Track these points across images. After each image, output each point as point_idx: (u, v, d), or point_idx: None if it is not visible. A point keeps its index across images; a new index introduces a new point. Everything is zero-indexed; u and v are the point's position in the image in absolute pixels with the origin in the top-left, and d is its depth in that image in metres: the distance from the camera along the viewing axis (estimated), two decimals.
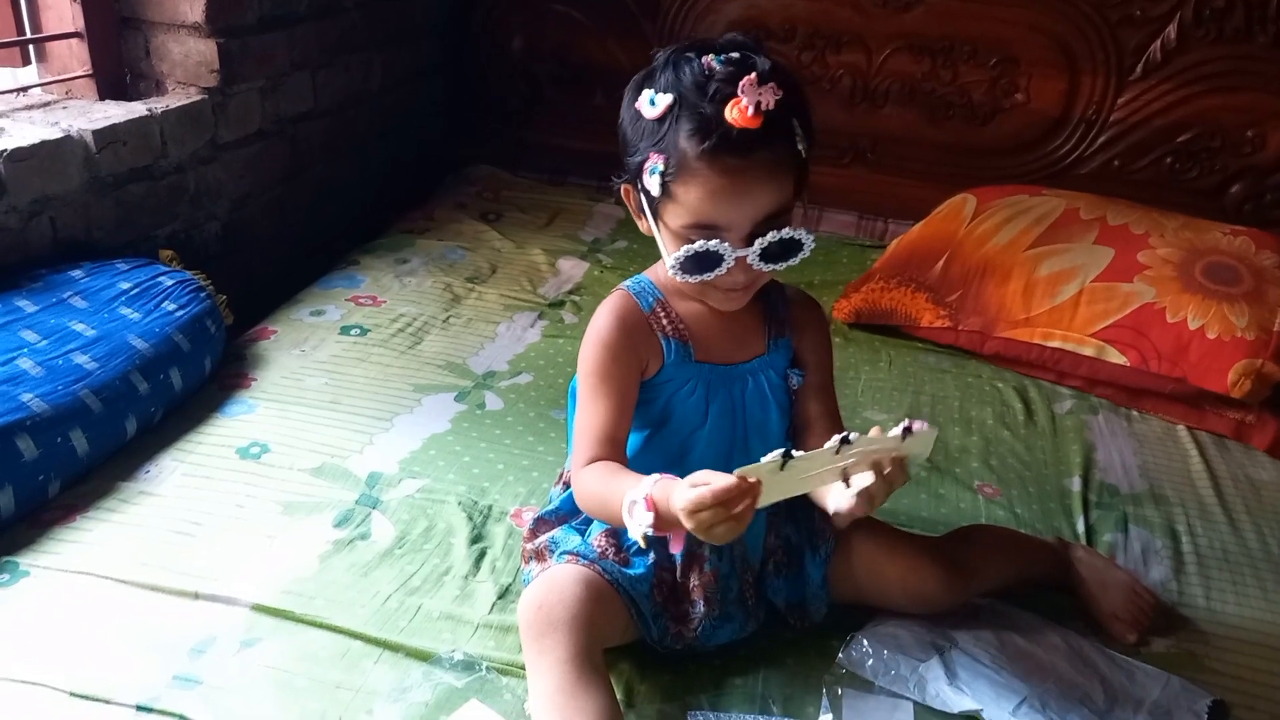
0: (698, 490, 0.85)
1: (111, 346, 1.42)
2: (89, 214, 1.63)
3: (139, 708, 0.99)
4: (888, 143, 2.46)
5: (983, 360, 1.88)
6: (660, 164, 0.97)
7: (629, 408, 1.07)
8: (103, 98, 1.78)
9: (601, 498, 1.00)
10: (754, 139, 0.94)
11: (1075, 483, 1.52)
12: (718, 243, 0.98)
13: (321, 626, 1.11)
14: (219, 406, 1.51)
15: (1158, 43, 2.22)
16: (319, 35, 2.09)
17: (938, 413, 1.70)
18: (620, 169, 1.06)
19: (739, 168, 0.95)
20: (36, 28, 1.78)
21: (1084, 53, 2.27)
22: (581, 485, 1.05)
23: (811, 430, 1.12)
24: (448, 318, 1.86)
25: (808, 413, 1.13)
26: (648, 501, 0.90)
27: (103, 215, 1.66)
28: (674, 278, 1.02)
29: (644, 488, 0.91)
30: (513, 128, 2.67)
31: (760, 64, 0.95)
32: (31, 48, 1.81)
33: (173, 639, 1.08)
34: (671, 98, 0.97)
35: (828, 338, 1.18)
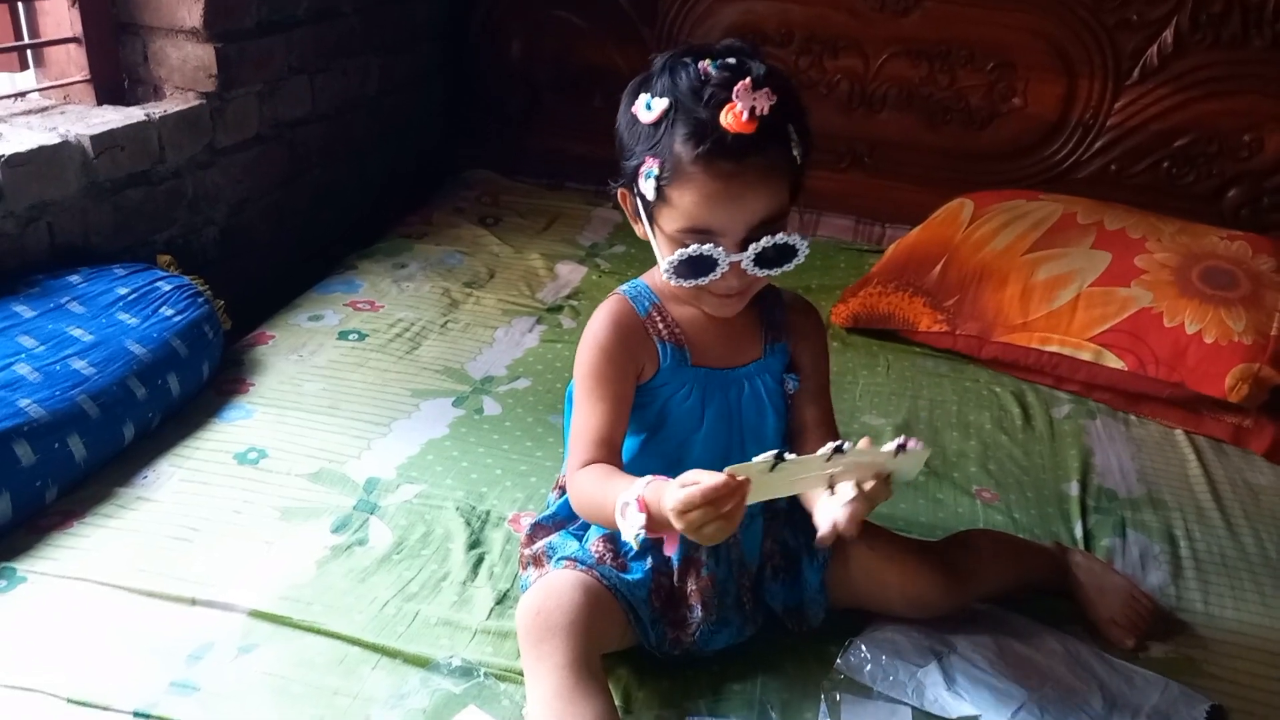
0: (687, 490, 0.85)
1: (109, 352, 1.42)
2: (87, 219, 1.63)
3: (136, 714, 0.99)
4: (885, 147, 2.46)
5: (980, 365, 1.89)
6: (655, 168, 0.98)
7: (624, 411, 1.08)
8: (100, 103, 1.78)
9: (595, 500, 1.00)
10: (748, 144, 0.94)
11: (1073, 487, 1.52)
12: (711, 247, 0.98)
13: (319, 632, 1.11)
14: (217, 412, 1.51)
15: (1155, 47, 2.22)
16: (317, 39, 2.09)
17: (935, 417, 1.70)
18: (618, 173, 1.06)
19: (733, 172, 0.95)
20: (35, 33, 1.78)
21: (1081, 57, 2.27)
22: (576, 488, 1.05)
23: (807, 435, 1.12)
24: (446, 323, 1.86)
25: (803, 417, 1.14)
26: (640, 503, 0.91)
27: (100, 220, 1.66)
28: (669, 282, 1.02)
29: (636, 489, 0.92)
30: (511, 132, 2.67)
31: (755, 69, 0.96)
32: (30, 53, 1.81)
33: (170, 645, 1.08)
34: (667, 102, 0.97)
35: (824, 343, 1.18)
